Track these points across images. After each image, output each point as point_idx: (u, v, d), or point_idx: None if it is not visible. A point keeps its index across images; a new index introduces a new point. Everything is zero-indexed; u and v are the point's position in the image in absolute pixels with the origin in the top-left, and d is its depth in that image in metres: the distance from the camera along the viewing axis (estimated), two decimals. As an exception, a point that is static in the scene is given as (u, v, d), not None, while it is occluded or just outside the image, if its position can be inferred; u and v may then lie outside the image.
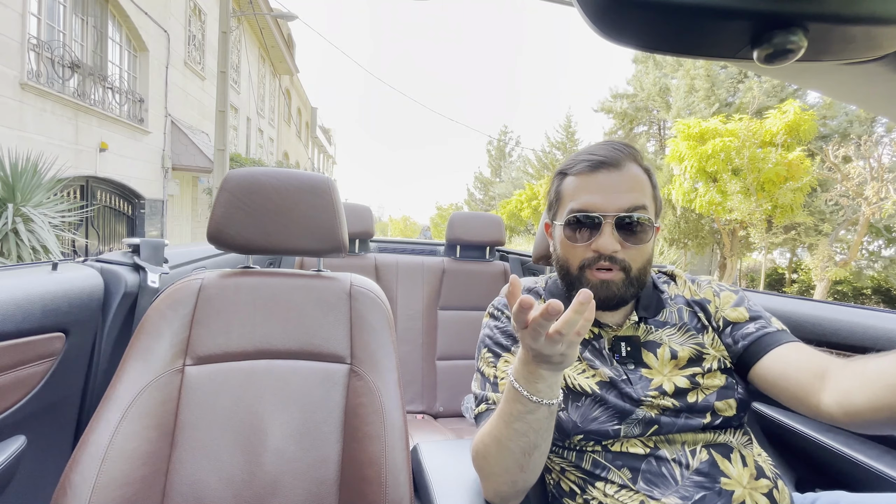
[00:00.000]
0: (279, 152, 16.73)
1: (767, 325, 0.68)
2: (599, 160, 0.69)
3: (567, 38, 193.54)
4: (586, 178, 0.69)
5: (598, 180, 0.68)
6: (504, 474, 0.62)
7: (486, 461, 0.63)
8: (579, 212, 0.68)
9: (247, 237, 0.88)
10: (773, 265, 12.36)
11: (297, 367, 0.81)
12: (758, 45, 0.25)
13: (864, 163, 8.42)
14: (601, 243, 0.66)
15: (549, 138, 21.80)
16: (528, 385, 0.55)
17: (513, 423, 0.57)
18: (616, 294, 0.67)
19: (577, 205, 0.69)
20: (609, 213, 0.66)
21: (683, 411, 0.65)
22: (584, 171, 0.70)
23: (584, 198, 0.68)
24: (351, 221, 1.83)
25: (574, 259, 0.70)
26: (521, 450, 0.59)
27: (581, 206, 0.68)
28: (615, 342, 0.71)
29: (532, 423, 0.57)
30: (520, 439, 0.58)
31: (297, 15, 8.14)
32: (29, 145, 4.30)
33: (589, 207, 0.67)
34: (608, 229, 0.66)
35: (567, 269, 0.71)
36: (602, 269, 0.67)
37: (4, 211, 3.11)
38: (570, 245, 0.70)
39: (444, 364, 1.91)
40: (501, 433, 0.59)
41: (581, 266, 0.69)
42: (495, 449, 0.61)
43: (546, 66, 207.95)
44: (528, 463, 0.60)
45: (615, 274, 0.67)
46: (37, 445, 0.88)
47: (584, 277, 0.69)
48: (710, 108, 12.20)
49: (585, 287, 0.67)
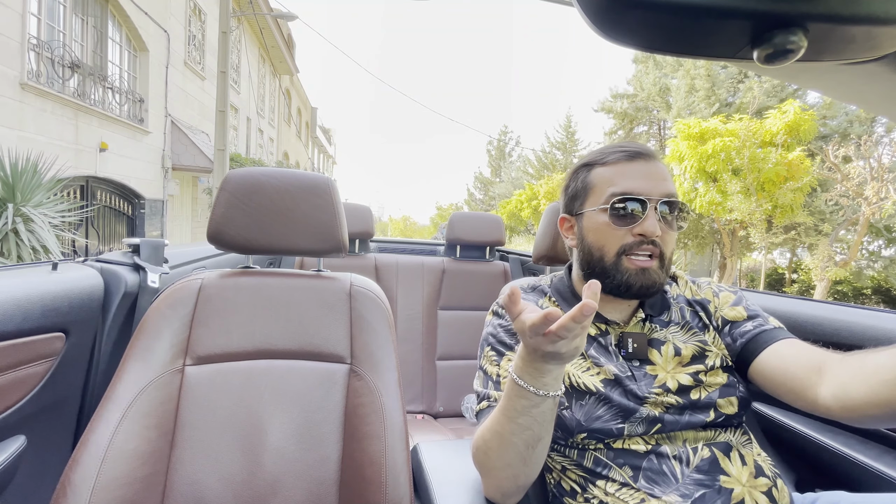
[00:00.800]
0: (279, 152, 16.73)
1: (764, 323, 0.69)
2: (635, 150, 0.71)
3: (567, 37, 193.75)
4: (624, 166, 0.70)
5: (637, 168, 0.69)
6: (506, 469, 0.62)
7: (488, 456, 0.63)
8: (624, 195, 0.68)
9: (247, 237, 0.88)
10: (773, 265, 12.36)
11: (297, 367, 0.81)
12: (758, 45, 0.25)
13: (864, 163, 8.42)
14: (647, 226, 0.66)
15: (549, 138, 21.82)
16: (532, 380, 0.55)
17: (517, 419, 0.58)
18: (655, 281, 0.68)
19: (619, 189, 0.68)
20: (654, 196, 0.67)
21: (687, 408, 0.65)
22: (621, 160, 0.71)
23: (626, 183, 0.68)
24: (351, 221, 1.83)
25: (612, 245, 0.69)
26: (524, 443, 0.59)
27: (626, 191, 0.68)
28: (621, 339, 0.71)
29: (537, 417, 0.57)
30: (524, 433, 0.58)
31: (297, 15, 8.14)
32: (29, 145, 4.30)
33: (634, 191, 0.68)
34: (652, 213, 0.67)
35: (602, 256, 0.70)
36: (641, 255, 0.67)
37: (4, 211, 3.11)
38: (611, 230, 0.69)
39: (444, 364, 1.91)
40: (504, 428, 0.59)
41: (620, 252, 0.68)
42: (497, 443, 0.61)
43: (546, 66, 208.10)
44: (531, 456, 0.60)
45: (653, 261, 0.67)
46: (37, 445, 0.88)
47: (621, 265, 0.68)
48: (711, 108, 12.21)
49: (622, 276, 0.68)
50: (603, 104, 16.80)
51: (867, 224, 8.91)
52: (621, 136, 16.65)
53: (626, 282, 0.68)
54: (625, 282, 0.68)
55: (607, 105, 16.70)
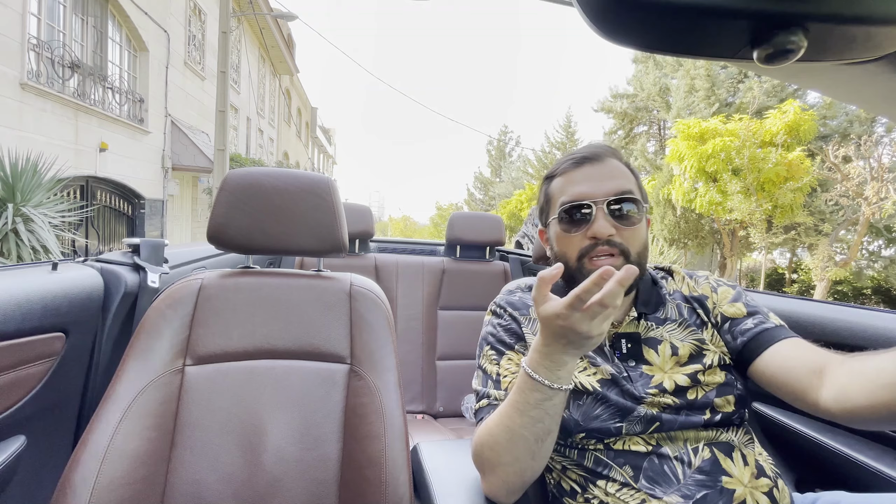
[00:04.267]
0: (279, 152, 16.73)
1: (765, 321, 0.69)
2: (582, 156, 0.73)
3: (567, 37, 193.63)
4: (572, 174, 0.72)
5: (583, 172, 0.71)
6: (514, 463, 0.61)
7: (495, 452, 0.63)
8: (570, 202, 0.70)
9: (247, 237, 0.88)
10: (773, 265, 12.35)
11: (297, 367, 0.81)
12: (758, 45, 0.25)
13: (864, 163, 8.42)
14: (596, 228, 0.67)
15: (549, 138, 21.79)
16: (548, 373, 0.56)
17: (529, 412, 0.58)
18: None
19: (567, 198, 0.71)
20: (599, 198, 0.68)
21: (683, 408, 0.65)
22: (569, 169, 0.73)
23: (572, 190, 0.71)
24: (351, 221, 1.83)
25: (572, 250, 0.70)
26: (534, 437, 0.59)
27: (571, 198, 0.70)
28: (615, 339, 0.71)
29: (549, 409, 0.58)
30: (535, 426, 0.59)
31: (297, 15, 8.14)
32: (29, 145, 4.30)
33: (579, 197, 0.70)
34: (600, 214, 0.68)
35: (567, 262, 0.71)
36: (601, 255, 0.68)
37: (4, 211, 3.11)
38: (566, 237, 0.71)
39: (444, 364, 1.91)
40: (514, 422, 0.60)
41: (579, 256, 0.69)
42: (507, 437, 0.61)
43: (546, 66, 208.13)
44: (539, 450, 0.60)
45: (616, 260, 0.68)
46: (37, 445, 0.88)
47: (584, 268, 0.69)
48: (710, 108, 12.20)
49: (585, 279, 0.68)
50: (603, 104, 16.79)
51: (867, 224, 8.91)
52: (621, 136, 16.65)
53: None
54: None
55: (607, 105, 16.69)
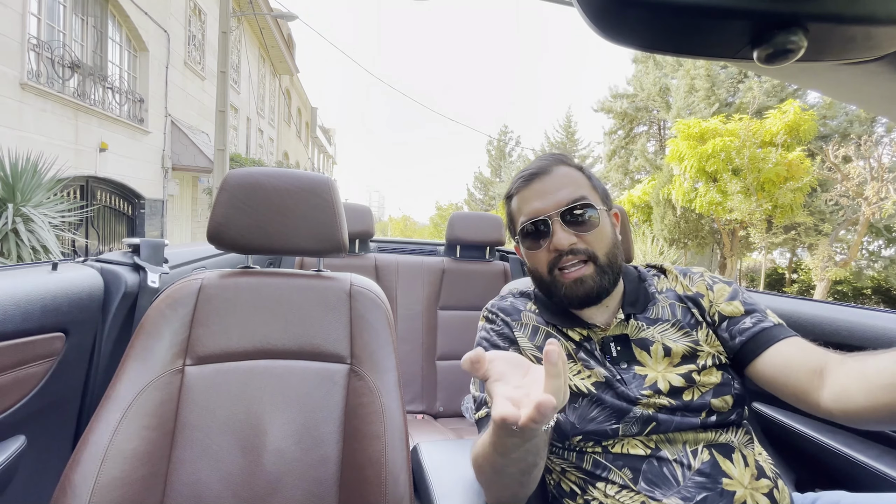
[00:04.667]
0: (279, 152, 16.73)
1: (764, 319, 0.68)
2: (530, 173, 0.75)
3: (567, 37, 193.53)
4: (525, 192, 0.75)
5: (534, 189, 0.74)
6: (504, 490, 0.62)
7: (485, 477, 0.63)
8: (528, 220, 0.73)
9: (247, 237, 0.88)
10: (773, 265, 12.35)
11: (297, 367, 0.81)
12: (758, 45, 0.25)
13: (864, 163, 8.41)
14: (555, 241, 0.70)
15: (548, 138, 21.78)
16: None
17: (509, 454, 0.55)
18: (592, 287, 0.69)
19: (524, 216, 0.74)
20: (551, 211, 0.71)
21: (679, 409, 0.64)
22: (521, 187, 0.76)
23: (527, 208, 0.74)
24: (351, 221, 1.83)
25: (541, 265, 0.73)
26: (519, 471, 0.58)
27: (527, 216, 0.73)
28: (604, 343, 0.71)
29: (530, 449, 0.54)
30: (518, 464, 0.56)
31: (297, 15, 8.14)
32: (29, 145, 4.30)
33: (533, 213, 0.73)
34: (557, 226, 0.70)
35: (539, 277, 0.75)
36: (569, 266, 0.70)
37: (4, 211, 3.11)
38: (532, 253, 0.74)
39: (444, 364, 1.91)
40: (496, 462, 0.56)
41: (550, 269, 0.72)
42: (491, 471, 0.60)
43: (546, 66, 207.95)
44: (528, 479, 0.60)
45: (585, 268, 0.69)
46: (37, 445, 0.88)
47: (557, 281, 0.71)
48: (710, 108, 12.19)
49: (560, 290, 0.71)
50: (603, 104, 16.77)
51: (867, 224, 8.91)
52: (621, 136, 16.64)
53: (565, 295, 0.71)
54: (564, 296, 0.71)
55: (607, 105, 16.68)
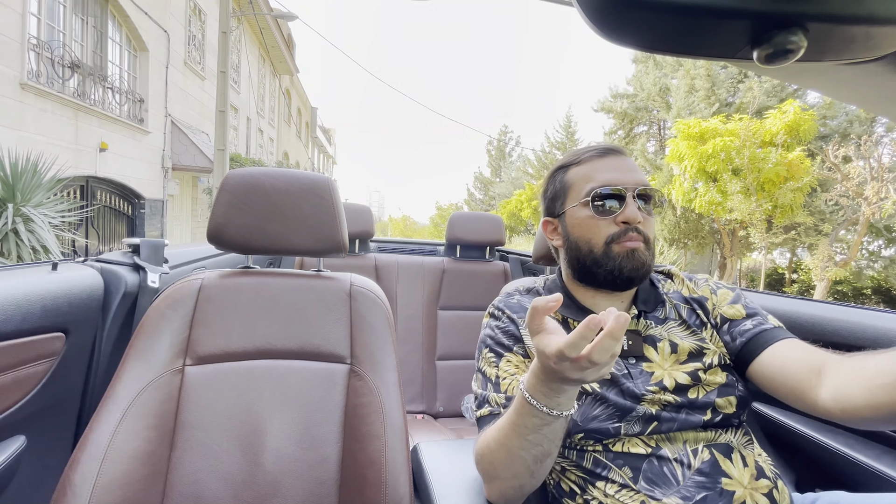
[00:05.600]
0: (279, 152, 16.73)
1: (764, 322, 0.69)
2: (606, 147, 0.75)
3: (567, 37, 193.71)
4: (598, 162, 0.74)
5: (610, 163, 0.73)
6: (513, 479, 0.61)
7: (494, 466, 0.63)
8: (602, 187, 0.71)
9: (247, 237, 0.88)
10: (773, 265, 12.35)
11: (297, 367, 0.81)
12: (758, 45, 0.25)
13: (864, 163, 8.41)
14: (629, 213, 0.69)
15: (548, 138, 21.78)
16: (546, 400, 0.53)
17: (527, 436, 0.56)
18: (645, 262, 0.70)
19: (597, 184, 0.72)
20: (630, 185, 0.70)
21: (684, 407, 0.65)
22: (593, 157, 0.75)
23: (602, 176, 0.72)
24: (351, 221, 1.83)
25: (600, 236, 0.71)
26: (533, 458, 0.58)
27: (602, 184, 0.71)
28: None
29: (548, 434, 0.56)
30: (533, 449, 0.57)
31: (297, 15, 8.14)
32: (29, 145, 4.30)
33: (611, 182, 0.71)
34: (632, 201, 0.70)
35: (591, 249, 0.72)
36: (630, 239, 0.70)
37: (4, 211, 3.11)
38: (594, 222, 0.71)
39: (444, 364, 1.91)
40: (513, 443, 0.58)
41: (608, 241, 0.71)
42: (505, 456, 0.60)
43: (546, 66, 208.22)
44: (539, 468, 0.60)
45: (640, 244, 0.70)
46: (37, 445, 0.88)
47: (612, 252, 0.70)
48: (711, 108, 12.19)
49: (614, 261, 0.69)
50: (603, 104, 16.77)
51: (867, 224, 8.91)
52: (621, 136, 16.63)
53: (619, 266, 0.70)
54: (617, 266, 0.70)
55: (607, 105, 16.67)
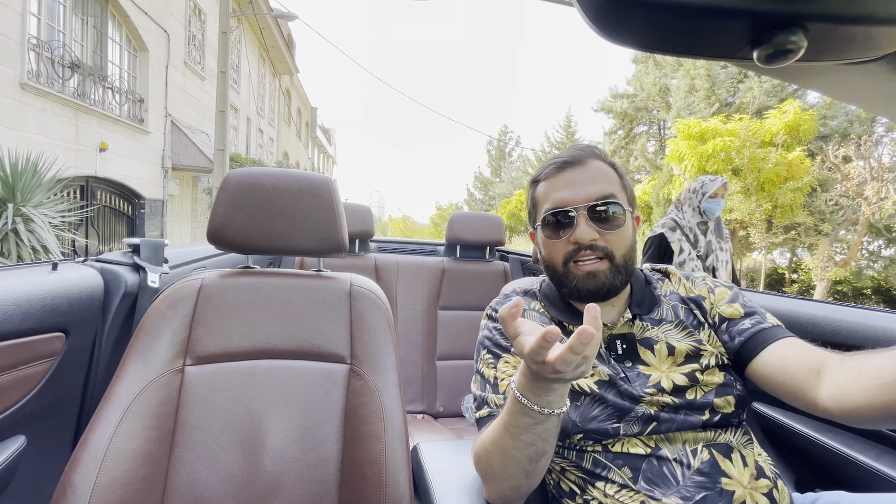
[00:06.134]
0: (279, 152, 16.73)
1: (762, 321, 0.69)
2: (563, 161, 0.74)
3: (567, 37, 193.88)
4: (554, 179, 0.74)
5: (565, 178, 0.73)
6: (509, 480, 0.62)
7: (490, 467, 0.63)
8: (553, 209, 0.72)
9: (247, 237, 0.88)
10: (773, 265, 12.35)
11: (297, 367, 0.81)
12: (758, 45, 0.25)
13: (864, 163, 8.42)
14: (577, 234, 0.69)
15: (548, 138, 21.78)
16: (537, 399, 0.54)
17: (520, 435, 0.56)
18: (604, 283, 0.69)
19: (550, 204, 0.73)
20: (579, 204, 0.70)
21: (682, 408, 0.65)
22: (551, 174, 0.75)
23: (554, 196, 0.73)
24: (351, 221, 1.83)
25: (557, 256, 0.73)
26: (527, 458, 0.58)
27: (553, 204, 0.72)
28: (611, 341, 0.71)
29: (541, 433, 0.56)
30: (527, 449, 0.57)
31: (297, 15, 8.14)
32: (29, 145, 4.30)
33: (560, 203, 0.71)
34: (582, 220, 0.70)
35: (553, 267, 0.74)
36: (585, 260, 0.70)
37: (4, 211, 3.11)
38: (550, 243, 0.73)
39: (444, 364, 1.91)
40: (507, 443, 0.58)
41: (565, 261, 0.71)
42: (500, 457, 0.60)
43: (546, 66, 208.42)
44: (534, 469, 0.60)
45: (600, 264, 0.70)
46: (37, 445, 0.88)
47: (570, 273, 0.71)
48: (711, 108, 12.19)
49: (572, 282, 0.71)
50: (603, 104, 16.78)
51: (867, 224, 8.91)
52: (621, 136, 16.64)
53: (576, 287, 0.71)
54: (574, 287, 0.71)
55: (607, 105, 16.68)
